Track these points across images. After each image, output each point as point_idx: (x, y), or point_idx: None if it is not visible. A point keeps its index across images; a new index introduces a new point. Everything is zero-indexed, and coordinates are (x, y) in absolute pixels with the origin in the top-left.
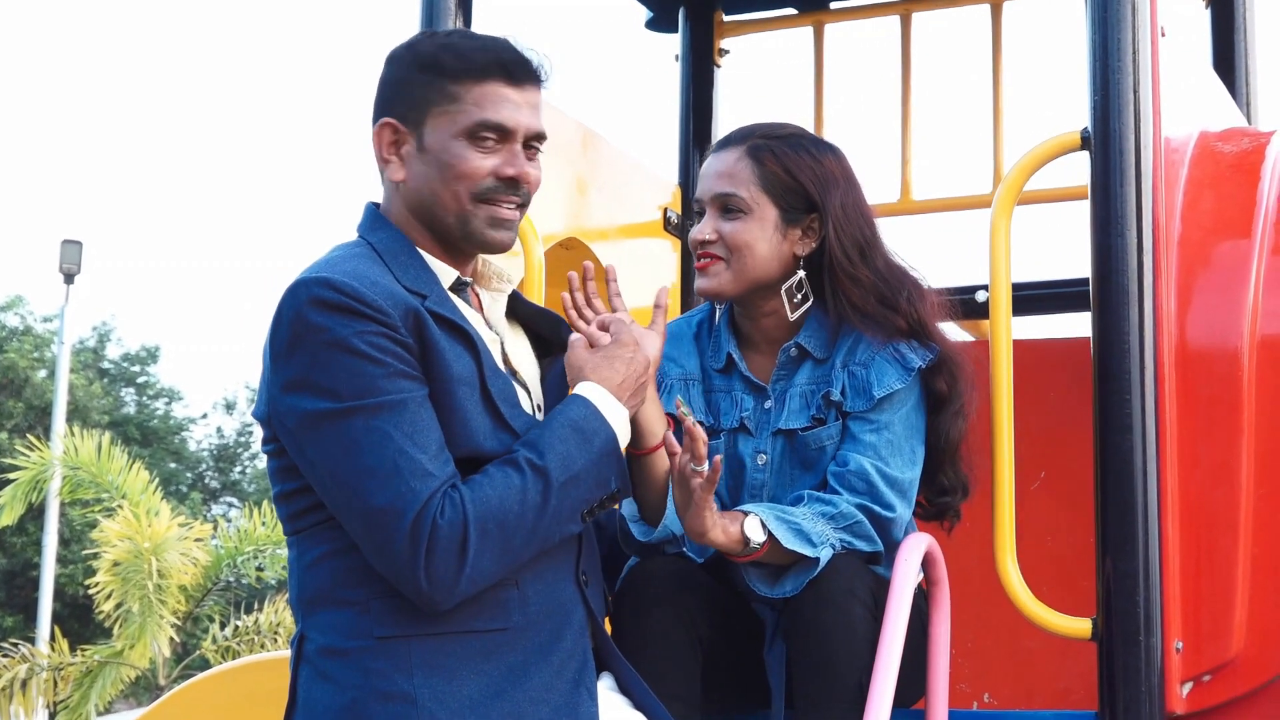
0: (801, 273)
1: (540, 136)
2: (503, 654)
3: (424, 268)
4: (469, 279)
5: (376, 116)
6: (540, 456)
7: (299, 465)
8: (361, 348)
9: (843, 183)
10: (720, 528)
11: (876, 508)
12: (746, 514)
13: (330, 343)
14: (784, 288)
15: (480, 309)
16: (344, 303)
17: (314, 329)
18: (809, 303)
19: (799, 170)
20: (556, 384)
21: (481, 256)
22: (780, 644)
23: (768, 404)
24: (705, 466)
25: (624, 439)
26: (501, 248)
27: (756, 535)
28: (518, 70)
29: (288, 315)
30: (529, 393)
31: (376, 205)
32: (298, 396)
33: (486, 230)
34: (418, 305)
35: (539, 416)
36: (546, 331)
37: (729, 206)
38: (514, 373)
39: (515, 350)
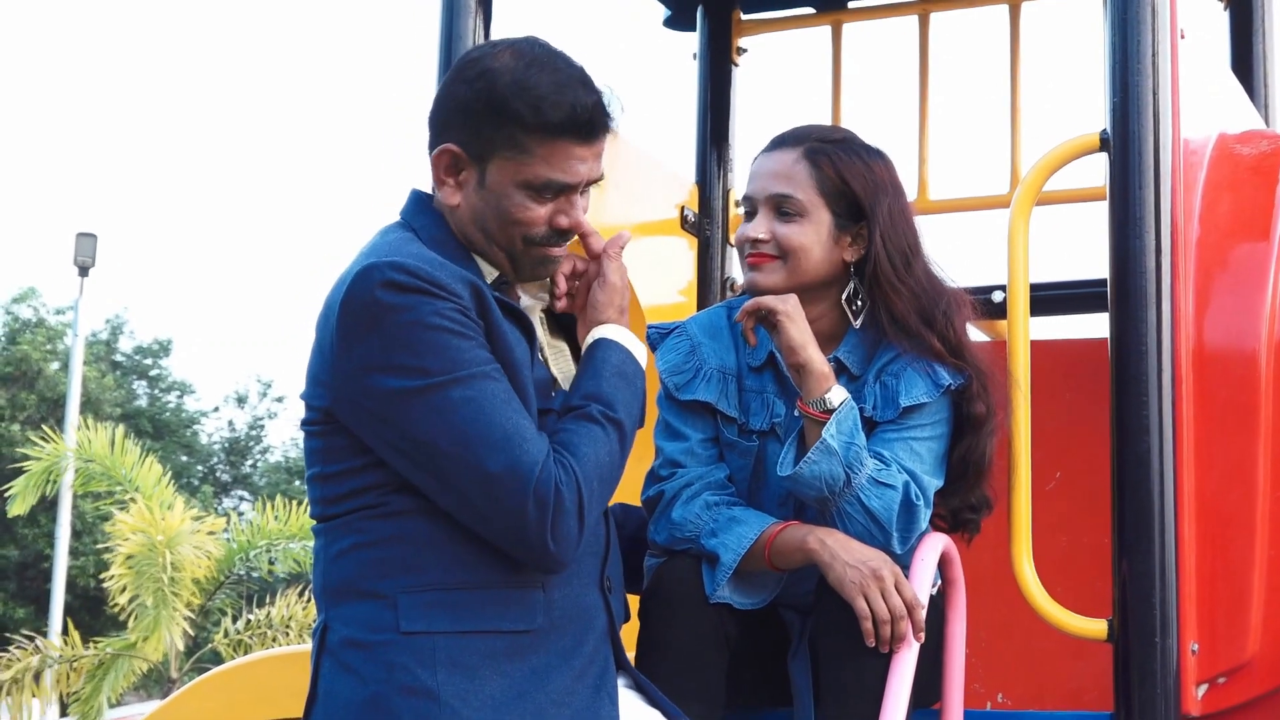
0: (854, 281)
1: (598, 180)
2: (526, 655)
3: (468, 258)
4: (509, 278)
5: (437, 134)
6: (611, 409)
7: (381, 446)
8: (443, 323)
9: (891, 190)
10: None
11: (913, 489)
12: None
13: (411, 322)
14: (843, 297)
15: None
16: (417, 284)
17: (391, 309)
18: (866, 308)
19: (852, 177)
20: None
21: None
22: (805, 650)
23: (796, 412)
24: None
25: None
26: (543, 279)
27: (837, 397)
28: (589, 129)
29: (360, 298)
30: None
31: (421, 192)
32: (381, 376)
33: (535, 268)
34: (483, 285)
35: None
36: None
37: (784, 209)
38: (546, 368)
39: (554, 355)
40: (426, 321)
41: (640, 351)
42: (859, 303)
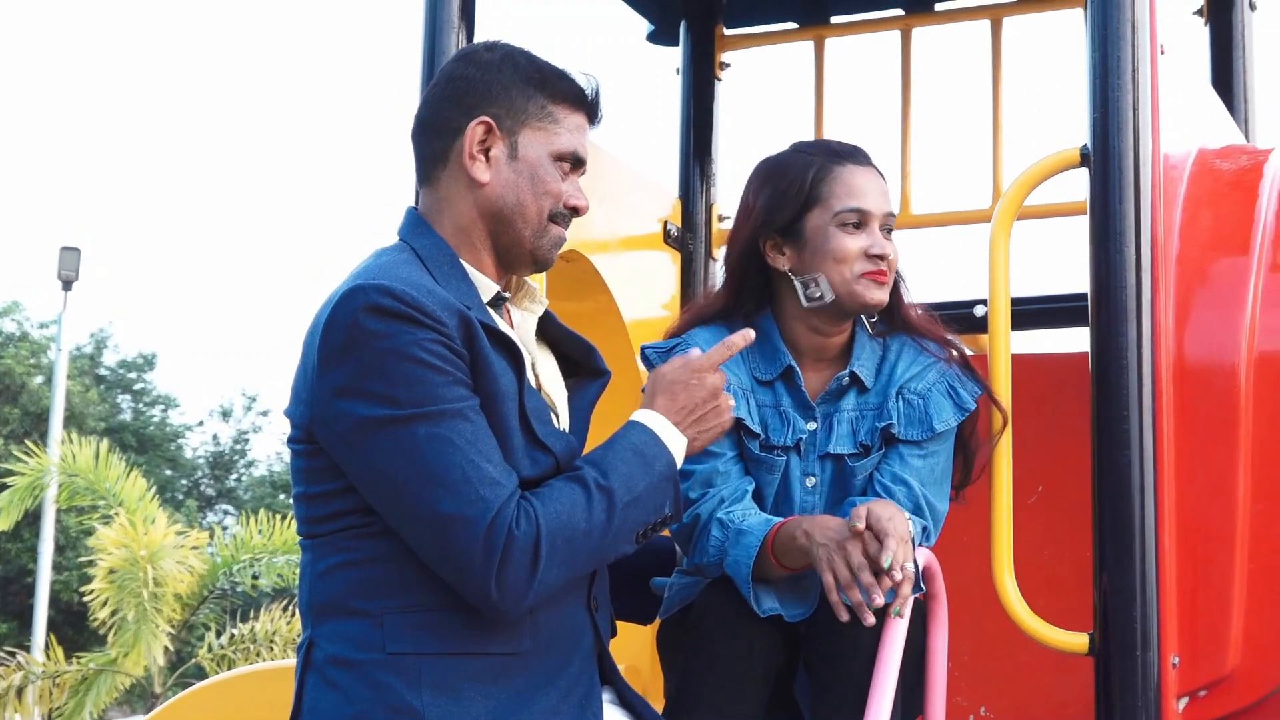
0: None
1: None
2: (512, 677)
3: (465, 279)
4: (507, 294)
5: (463, 114)
6: (605, 476)
7: (348, 470)
8: (421, 355)
9: None
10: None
11: (932, 533)
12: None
13: (389, 350)
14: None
15: (512, 326)
16: (402, 310)
17: (371, 335)
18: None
19: None
20: (586, 409)
21: (518, 277)
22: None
23: (811, 425)
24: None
25: (679, 462)
26: (548, 268)
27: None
28: (597, 109)
29: (343, 320)
30: (556, 415)
31: (416, 210)
32: (352, 402)
33: (550, 250)
34: (471, 315)
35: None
36: (577, 356)
37: (890, 227)
38: (539, 391)
39: (545, 371)
40: (404, 351)
41: (674, 442)
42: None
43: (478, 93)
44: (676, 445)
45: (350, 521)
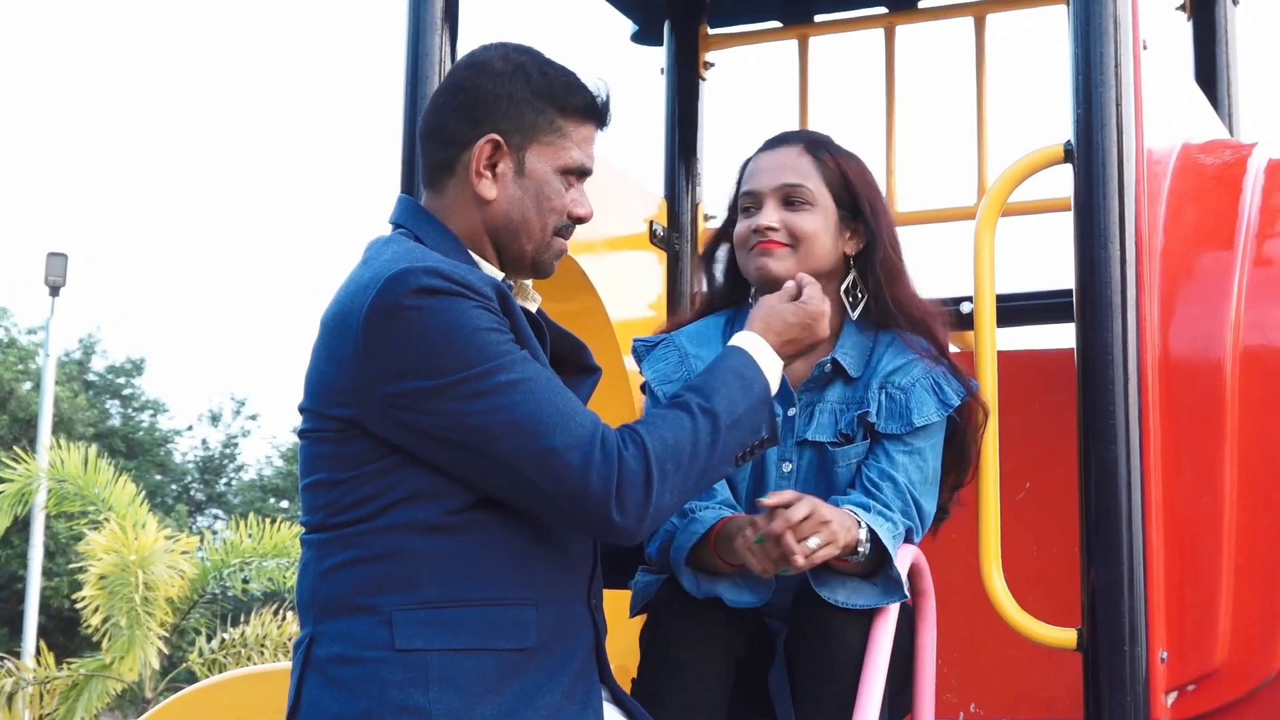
0: (854, 272)
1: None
2: (519, 674)
3: (473, 264)
4: (510, 283)
5: (469, 128)
6: (707, 400)
7: (418, 445)
8: (478, 323)
9: (877, 188)
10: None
11: (915, 532)
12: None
13: (446, 324)
14: (842, 288)
15: None
16: (450, 288)
17: (425, 312)
18: (864, 300)
19: (851, 173)
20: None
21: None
22: (783, 661)
23: (791, 411)
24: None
25: (774, 389)
26: (547, 276)
27: (864, 534)
28: (606, 115)
29: (393, 303)
30: None
31: (413, 199)
32: (420, 379)
33: (553, 261)
34: (503, 286)
35: None
36: (566, 353)
37: (793, 198)
38: None
39: None
40: (460, 322)
41: (772, 367)
42: (858, 294)
43: (486, 106)
44: (773, 369)
45: (373, 508)
